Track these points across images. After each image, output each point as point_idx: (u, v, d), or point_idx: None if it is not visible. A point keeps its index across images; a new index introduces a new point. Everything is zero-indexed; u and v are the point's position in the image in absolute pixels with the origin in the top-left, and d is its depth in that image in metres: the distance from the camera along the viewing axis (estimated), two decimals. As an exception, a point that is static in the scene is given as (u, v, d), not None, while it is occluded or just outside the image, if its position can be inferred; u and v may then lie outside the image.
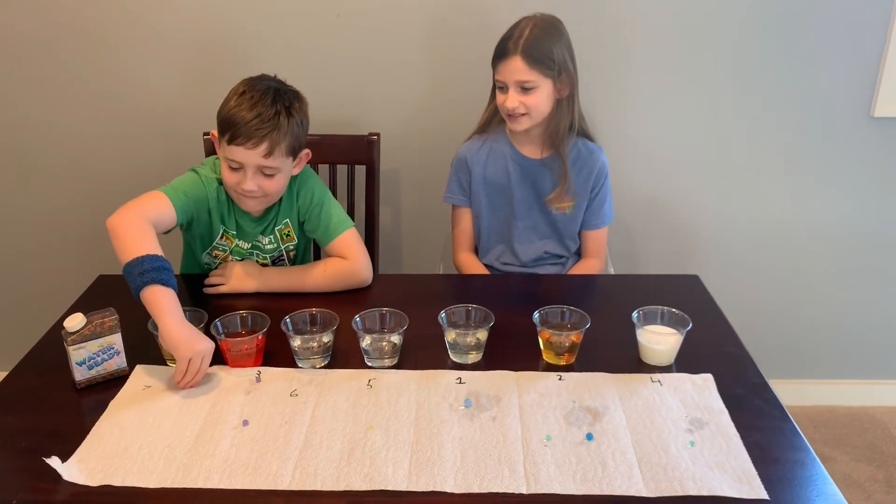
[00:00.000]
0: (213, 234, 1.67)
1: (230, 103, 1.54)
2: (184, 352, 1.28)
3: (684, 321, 1.39)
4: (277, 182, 1.59)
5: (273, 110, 1.52)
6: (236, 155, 1.53)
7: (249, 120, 1.50)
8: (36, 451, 1.16)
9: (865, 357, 2.46)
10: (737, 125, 2.16)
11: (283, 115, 1.54)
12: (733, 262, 2.33)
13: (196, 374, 1.30)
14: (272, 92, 1.55)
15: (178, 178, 1.63)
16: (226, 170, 1.58)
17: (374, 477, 1.10)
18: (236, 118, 1.51)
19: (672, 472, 1.11)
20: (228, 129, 1.52)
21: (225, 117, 1.53)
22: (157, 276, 1.34)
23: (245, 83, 1.57)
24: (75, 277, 1.90)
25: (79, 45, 2.11)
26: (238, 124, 1.51)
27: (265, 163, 1.53)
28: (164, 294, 1.34)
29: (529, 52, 1.70)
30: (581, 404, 1.27)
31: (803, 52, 2.07)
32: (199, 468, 1.12)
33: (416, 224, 2.32)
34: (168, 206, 1.53)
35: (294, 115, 1.56)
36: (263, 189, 1.57)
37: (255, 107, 1.51)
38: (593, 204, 1.91)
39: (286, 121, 1.54)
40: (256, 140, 1.51)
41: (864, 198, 2.24)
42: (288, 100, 1.56)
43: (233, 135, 1.51)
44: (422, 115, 2.17)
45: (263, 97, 1.53)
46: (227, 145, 1.53)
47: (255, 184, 1.55)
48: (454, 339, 1.40)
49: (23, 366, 1.41)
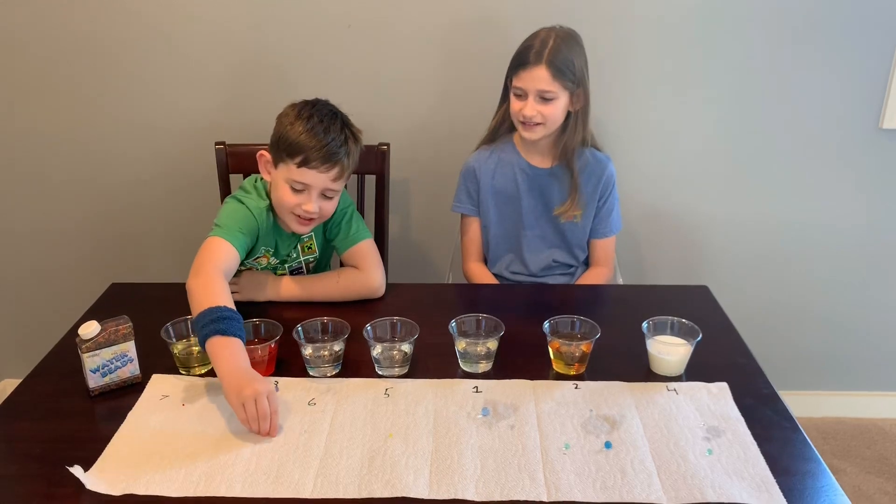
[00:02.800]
0: (253, 255, 1.68)
1: (297, 128, 1.55)
2: (233, 400, 1.22)
3: (694, 332, 1.39)
4: (334, 204, 1.64)
5: (344, 136, 1.58)
6: (306, 178, 1.55)
7: (325, 144, 1.54)
8: (51, 458, 1.16)
9: (875, 369, 2.46)
10: (745, 135, 2.18)
11: (352, 140, 1.60)
12: (742, 273, 2.33)
13: (262, 420, 1.20)
14: (339, 118, 1.60)
15: (225, 212, 1.61)
16: (287, 192, 1.58)
17: (395, 485, 1.10)
18: (310, 142, 1.54)
19: (691, 479, 1.12)
20: (300, 152, 1.54)
21: (295, 141, 1.55)
22: (217, 327, 1.30)
23: (306, 108, 1.59)
24: (88, 286, 1.91)
25: (94, 59, 2.12)
26: (312, 148, 1.54)
27: (332, 185, 1.58)
28: (222, 344, 1.29)
29: (554, 62, 1.71)
30: (598, 413, 1.27)
31: (812, 64, 2.08)
32: (221, 477, 1.12)
33: (426, 233, 2.33)
34: (233, 252, 1.54)
35: (359, 141, 1.63)
36: (323, 211, 1.61)
37: (328, 132, 1.55)
38: (601, 213, 1.92)
39: (355, 146, 1.60)
40: (330, 164, 1.55)
41: (874, 209, 2.25)
42: (351, 126, 1.62)
43: (305, 158, 1.54)
44: (431, 125, 2.18)
45: (333, 122, 1.57)
46: (298, 168, 1.55)
47: (318, 206, 1.58)
48: (464, 349, 1.40)
49: (37, 373, 1.41)
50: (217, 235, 1.55)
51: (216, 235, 1.55)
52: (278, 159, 1.59)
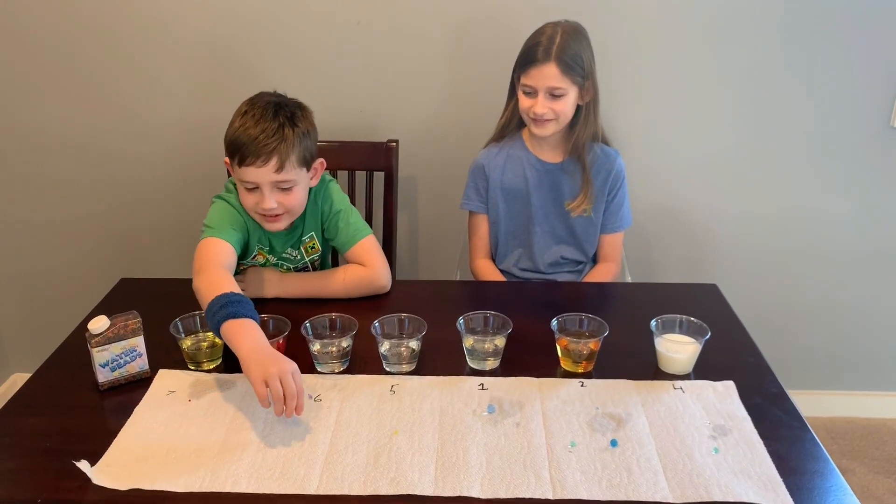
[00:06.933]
0: (248, 254, 1.68)
1: (234, 125, 1.54)
2: (255, 377, 1.19)
3: (703, 330, 1.39)
4: (296, 195, 1.59)
5: (276, 123, 1.52)
6: (249, 175, 1.53)
7: (255, 137, 1.50)
8: (60, 452, 1.17)
9: (885, 369, 2.45)
10: (755, 133, 2.17)
11: (287, 126, 1.53)
12: (750, 271, 2.33)
13: (289, 399, 1.18)
14: (273, 106, 1.54)
15: (213, 212, 1.61)
16: (243, 193, 1.58)
17: (400, 482, 1.10)
18: (242, 138, 1.51)
19: (697, 478, 1.11)
20: (237, 150, 1.52)
21: (231, 140, 1.53)
22: (228, 312, 1.30)
23: (246, 103, 1.57)
24: (97, 281, 1.92)
25: (103, 54, 2.13)
26: (245, 144, 1.51)
27: (279, 178, 1.53)
28: (237, 326, 1.28)
29: (563, 58, 1.71)
30: (604, 411, 1.27)
31: (824, 61, 2.07)
32: (226, 472, 1.12)
33: (434, 230, 2.33)
34: (229, 248, 1.54)
35: (298, 125, 1.55)
36: (284, 205, 1.57)
37: (258, 123, 1.51)
38: (610, 208, 1.91)
39: (291, 132, 1.53)
40: (265, 156, 1.51)
41: (885, 208, 2.24)
42: (290, 111, 1.56)
43: (242, 156, 1.51)
44: (440, 122, 2.18)
45: (265, 113, 1.53)
46: (239, 167, 1.53)
47: (275, 200, 1.55)
48: (472, 346, 1.40)
49: (47, 367, 1.42)
50: (210, 236, 1.55)
51: (209, 236, 1.55)
52: (231, 162, 1.57)
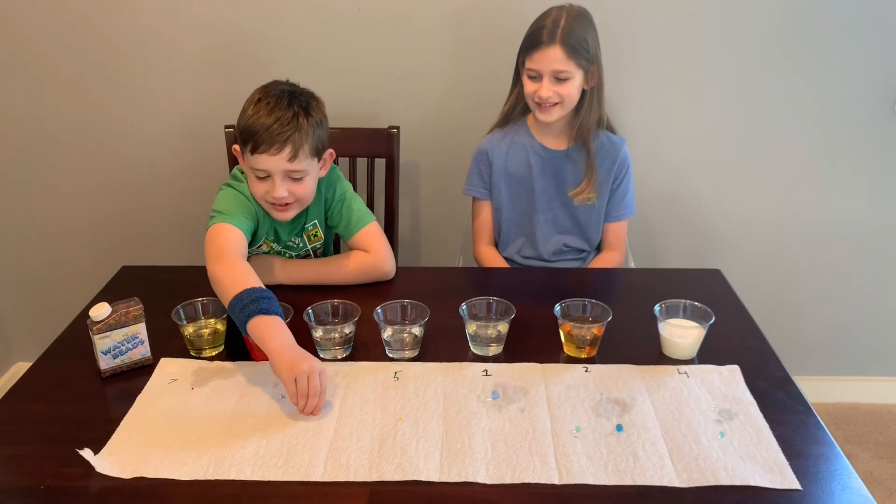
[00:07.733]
0: (255, 243, 1.67)
1: (247, 113, 1.53)
2: (286, 374, 1.21)
3: (707, 315, 1.38)
4: (307, 185, 1.58)
5: (291, 112, 1.51)
6: (262, 163, 1.52)
7: (269, 125, 1.49)
8: (62, 438, 1.17)
9: (887, 354, 2.45)
10: (759, 121, 2.16)
11: (301, 116, 1.52)
12: (754, 259, 2.32)
13: (311, 397, 1.21)
14: (287, 95, 1.53)
15: (223, 199, 1.60)
16: (254, 181, 1.57)
17: (406, 468, 1.10)
18: (256, 126, 1.50)
19: (703, 462, 1.11)
20: (250, 138, 1.51)
21: (245, 128, 1.52)
22: (258, 307, 1.30)
23: (259, 91, 1.56)
24: (99, 269, 1.91)
25: (103, 43, 2.11)
26: (259, 132, 1.49)
27: (291, 167, 1.52)
28: (267, 322, 1.29)
29: (568, 41, 1.69)
30: (609, 396, 1.27)
31: (827, 49, 2.06)
32: (230, 460, 1.12)
33: (436, 217, 2.32)
34: (241, 236, 1.53)
35: (313, 115, 1.54)
36: (294, 194, 1.56)
37: (272, 112, 1.50)
38: (615, 196, 1.90)
39: (306, 121, 1.52)
40: (279, 145, 1.50)
41: (888, 194, 2.23)
42: (304, 101, 1.55)
43: (255, 144, 1.50)
44: (442, 108, 2.17)
45: (279, 101, 1.52)
46: (252, 155, 1.52)
47: (285, 189, 1.54)
48: (475, 332, 1.40)
49: (49, 354, 1.42)
50: (221, 222, 1.53)
51: (221, 222, 1.53)
52: (242, 149, 1.56)
